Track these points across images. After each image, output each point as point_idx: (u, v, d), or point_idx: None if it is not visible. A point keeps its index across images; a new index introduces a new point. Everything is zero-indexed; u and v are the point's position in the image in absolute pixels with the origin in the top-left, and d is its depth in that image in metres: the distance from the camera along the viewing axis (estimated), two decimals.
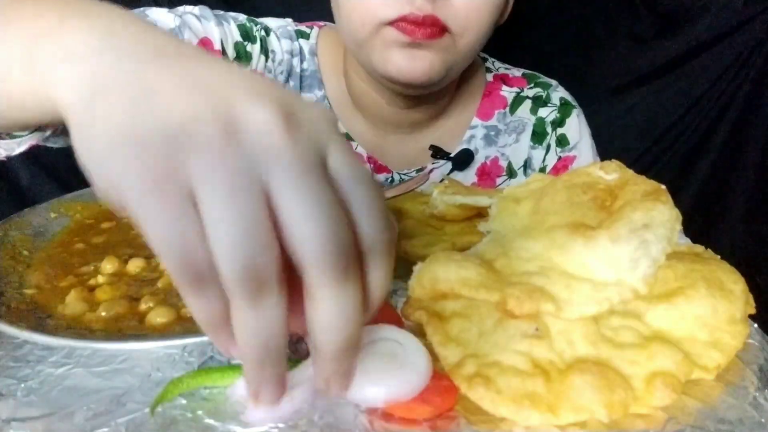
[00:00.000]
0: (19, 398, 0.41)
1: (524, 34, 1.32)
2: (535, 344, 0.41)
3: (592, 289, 0.43)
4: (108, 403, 0.40)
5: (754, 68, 1.29)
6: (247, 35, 0.80)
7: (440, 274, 0.46)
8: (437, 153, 0.85)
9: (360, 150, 0.87)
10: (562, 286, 0.44)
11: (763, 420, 0.38)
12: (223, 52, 0.76)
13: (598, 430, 0.37)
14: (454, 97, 0.87)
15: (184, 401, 0.40)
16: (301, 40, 0.88)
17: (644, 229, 0.45)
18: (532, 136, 0.89)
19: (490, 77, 0.91)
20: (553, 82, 0.92)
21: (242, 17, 0.82)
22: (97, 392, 0.41)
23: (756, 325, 0.47)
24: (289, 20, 0.89)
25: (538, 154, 0.89)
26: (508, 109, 0.89)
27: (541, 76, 0.93)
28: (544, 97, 0.89)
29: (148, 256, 0.53)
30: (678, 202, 0.48)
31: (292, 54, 0.85)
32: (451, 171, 0.88)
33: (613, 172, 0.52)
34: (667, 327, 0.42)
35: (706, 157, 1.38)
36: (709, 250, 0.51)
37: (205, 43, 0.75)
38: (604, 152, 0.87)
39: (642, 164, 1.38)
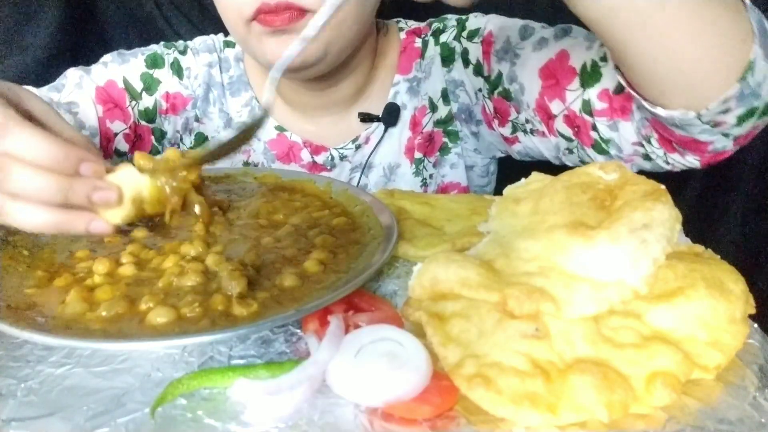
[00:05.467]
0: (19, 398, 0.41)
1: None
2: (535, 344, 0.41)
3: (592, 290, 0.43)
4: (108, 403, 0.40)
5: None
6: (154, 63, 0.90)
7: (440, 274, 0.46)
8: (366, 117, 0.89)
9: (295, 138, 0.91)
10: (561, 287, 0.44)
11: (763, 420, 0.38)
12: (127, 87, 0.88)
13: (598, 430, 0.37)
14: (374, 66, 0.90)
15: (184, 401, 0.40)
16: (228, 50, 0.94)
17: (644, 229, 0.45)
18: (442, 64, 0.90)
19: (403, 35, 0.93)
20: (449, 16, 0.94)
21: (156, 46, 0.92)
22: (97, 392, 0.41)
23: (756, 325, 0.47)
24: (220, 35, 0.95)
25: (455, 72, 0.90)
26: (421, 56, 0.92)
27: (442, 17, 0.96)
28: (441, 27, 0.92)
29: (138, 262, 0.53)
30: (678, 202, 0.48)
31: (210, 66, 0.92)
32: (386, 130, 0.90)
33: (612, 172, 0.52)
34: (667, 327, 0.42)
35: None
36: (709, 250, 0.51)
37: (110, 85, 0.87)
38: None
39: None
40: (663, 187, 0.49)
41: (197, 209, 0.51)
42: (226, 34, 0.94)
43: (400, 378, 0.39)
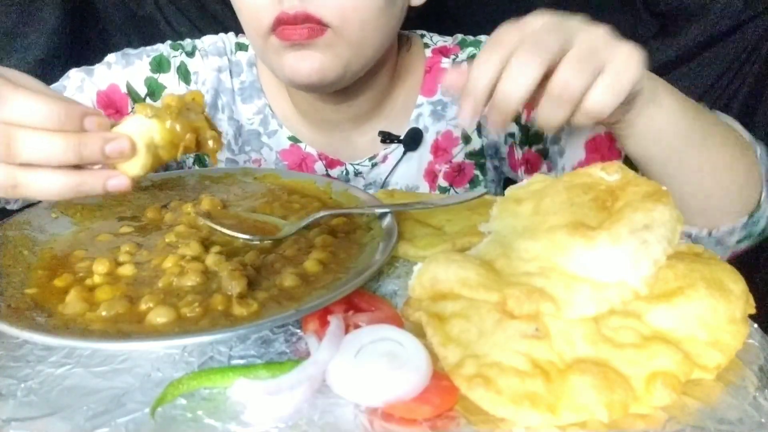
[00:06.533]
0: (19, 398, 0.41)
1: None
2: (535, 344, 0.41)
3: (593, 290, 0.43)
4: (108, 403, 0.40)
5: (754, 68, 1.29)
6: (159, 67, 0.87)
7: (440, 274, 0.46)
8: (386, 138, 0.86)
9: (309, 150, 0.89)
10: (562, 287, 0.44)
11: (763, 420, 0.38)
12: (130, 92, 0.86)
13: (598, 430, 0.37)
14: (394, 82, 0.88)
15: (184, 401, 0.40)
16: (240, 53, 0.90)
17: (645, 229, 0.45)
18: None
19: (429, 53, 0.90)
20: (483, 38, 0.92)
21: (163, 46, 0.89)
22: (97, 392, 0.41)
23: (756, 325, 0.47)
24: (231, 34, 0.92)
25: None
26: None
27: (471, 37, 0.92)
28: (477, 53, 0.90)
29: (139, 261, 0.53)
30: None
31: (219, 70, 0.89)
32: (405, 153, 0.88)
33: (614, 173, 0.52)
34: (667, 327, 0.42)
35: None
36: (709, 250, 0.51)
37: (112, 90, 0.85)
38: None
39: None
40: (664, 188, 0.49)
41: (211, 144, 0.50)
42: (236, 33, 0.91)
43: (400, 378, 0.39)
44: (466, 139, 0.90)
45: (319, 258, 0.53)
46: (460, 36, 0.93)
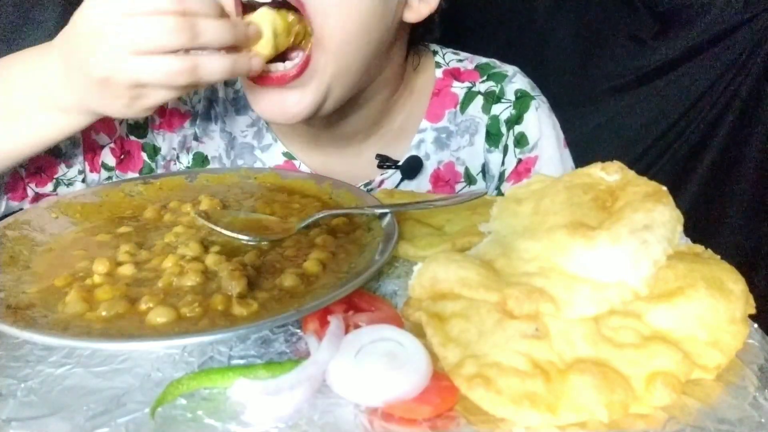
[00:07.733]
0: (19, 398, 0.41)
1: (523, 34, 1.32)
2: (535, 344, 0.41)
3: (593, 290, 0.43)
4: (108, 403, 0.40)
5: (754, 68, 1.29)
6: None
7: (440, 274, 0.46)
8: (384, 162, 0.81)
9: (304, 168, 0.85)
10: (562, 287, 0.44)
11: (763, 420, 0.38)
12: None
13: (598, 430, 0.37)
14: (396, 101, 0.83)
15: (184, 401, 0.40)
16: None
17: (645, 230, 0.45)
18: (486, 138, 0.84)
19: (440, 73, 0.85)
20: (510, 71, 0.86)
21: None
22: (97, 392, 0.41)
23: (756, 325, 0.47)
24: None
25: (494, 157, 0.84)
26: (458, 107, 0.84)
27: (497, 65, 0.87)
28: (497, 92, 0.84)
29: (139, 261, 0.53)
30: (678, 202, 0.48)
31: None
32: (401, 180, 0.83)
33: (614, 173, 0.52)
34: (667, 327, 0.42)
35: (706, 157, 1.38)
36: (709, 250, 0.51)
37: None
38: (604, 152, 0.86)
39: (642, 164, 1.38)
40: (664, 188, 0.49)
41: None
42: None
43: (400, 378, 0.39)
44: (470, 179, 0.86)
45: (319, 258, 0.53)
46: (479, 59, 0.87)
